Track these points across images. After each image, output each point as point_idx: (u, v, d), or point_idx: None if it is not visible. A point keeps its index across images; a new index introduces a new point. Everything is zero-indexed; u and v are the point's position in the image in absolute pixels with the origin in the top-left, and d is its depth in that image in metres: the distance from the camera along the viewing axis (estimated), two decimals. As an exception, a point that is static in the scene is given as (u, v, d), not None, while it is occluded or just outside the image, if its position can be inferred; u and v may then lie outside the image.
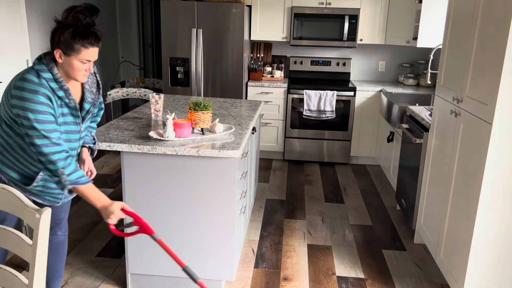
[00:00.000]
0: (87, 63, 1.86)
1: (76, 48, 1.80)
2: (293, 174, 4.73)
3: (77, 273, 2.78)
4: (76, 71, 1.86)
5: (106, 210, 1.86)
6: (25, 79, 1.81)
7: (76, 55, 1.82)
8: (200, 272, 2.54)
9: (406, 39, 4.76)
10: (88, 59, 1.84)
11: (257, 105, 3.48)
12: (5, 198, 1.47)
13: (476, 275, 2.35)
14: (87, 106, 2.04)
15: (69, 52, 1.81)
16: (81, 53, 1.82)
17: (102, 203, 1.87)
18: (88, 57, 1.84)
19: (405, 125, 3.59)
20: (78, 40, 1.80)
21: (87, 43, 1.81)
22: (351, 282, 2.79)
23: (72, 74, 1.87)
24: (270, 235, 3.37)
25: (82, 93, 2.04)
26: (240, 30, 4.59)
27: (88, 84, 2.06)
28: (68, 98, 1.90)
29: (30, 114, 1.76)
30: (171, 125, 2.40)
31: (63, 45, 1.81)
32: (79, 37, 1.80)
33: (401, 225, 3.59)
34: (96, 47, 1.85)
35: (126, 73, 7.16)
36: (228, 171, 2.37)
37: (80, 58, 1.83)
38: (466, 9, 2.57)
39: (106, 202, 1.87)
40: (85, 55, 1.83)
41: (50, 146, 1.81)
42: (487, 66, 2.21)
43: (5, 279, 1.47)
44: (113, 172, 4.58)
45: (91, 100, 2.05)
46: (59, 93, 1.87)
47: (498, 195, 2.23)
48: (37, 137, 1.79)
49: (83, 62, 1.85)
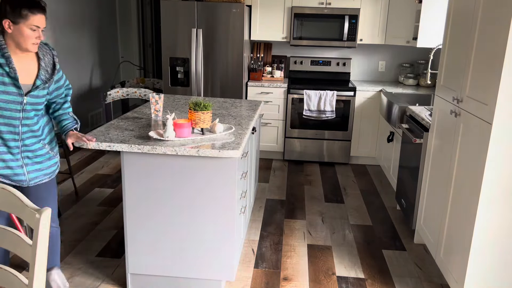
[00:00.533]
0: (36, 29, 1.98)
1: (24, 14, 1.93)
2: (293, 174, 4.73)
3: (77, 273, 2.78)
4: (27, 38, 1.97)
5: None
6: None
7: (25, 21, 1.94)
8: (200, 272, 2.54)
9: (406, 39, 4.76)
10: (37, 25, 1.97)
11: (257, 105, 3.48)
12: (5, 198, 1.47)
13: (476, 275, 2.35)
14: (38, 82, 2.12)
15: (18, 20, 1.94)
16: (30, 19, 1.95)
17: None
18: (36, 22, 1.96)
19: (405, 125, 3.59)
20: (25, 7, 1.93)
21: (34, 9, 1.95)
22: (351, 282, 2.79)
23: (23, 43, 1.98)
24: (270, 235, 3.38)
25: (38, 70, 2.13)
26: (240, 30, 4.59)
27: (45, 62, 2.15)
28: (9, 66, 1.99)
29: None
30: (171, 125, 2.40)
31: (11, 14, 1.93)
32: (25, 5, 1.94)
33: (401, 225, 3.59)
34: (42, 14, 1.99)
35: (126, 73, 7.16)
36: (228, 171, 2.37)
37: (29, 24, 1.95)
38: (466, 9, 2.57)
39: None
40: (34, 21, 1.96)
41: None
42: (487, 66, 2.21)
43: (5, 279, 1.47)
44: (113, 172, 4.58)
45: (43, 78, 2.14)
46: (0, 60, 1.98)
47: (498, 195, 2.23)
48: None
49: (33, 29, 1.97)
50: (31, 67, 2.10)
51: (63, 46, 5.26)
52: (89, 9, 5.89)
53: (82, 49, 5.71)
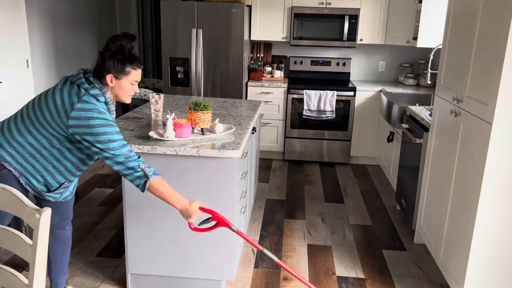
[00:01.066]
0: (135, 84, 2.06)
1: (127, 71, 2.00)
2: (293, 174, 4.73)
3: (77, 273, 2.78)
4: (126, 92, 2.05)
5: (187, 211, 2.01)
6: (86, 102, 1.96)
7: (126, 77, 2.01)
8: (200, 272, 2.54)
9: (406, 39, 4.76)
10: (136, 80, 2.05)
11: (257, 105, 3.48)
12: (5, 198, 1.47)
13: (476, 275, 2.35)
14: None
15: (121, 76, 2.00)
16: (131, 74, 2.02)
17: (182, 204, 2.01)
18: (136, 78, 2.04)
19: (405, 125, 3.59)
20: (128, 64, 1.99)
21: (135, 65, 2.02)
22: (351, 282, 2.79)
23: (122, 96, 2.06)
24: (270, 235, 3.38)
25: None
26: (240, 30, 4.59)
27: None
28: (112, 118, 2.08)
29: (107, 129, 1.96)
30: (171, 125, 2.40)
31: (114, 70, 1.99)
32: (128, 61, 2.00)
33: (401, 225, 3.59)
34: (141, 68, 2.06)
35: (126, 73, 7.15)
36: (228, 171, 2.37)
37: (130, 79, 2.02)
38: (466, 9, 2.57)
39: (185, 203, 2.02)
40: (134, 76, 2.03)
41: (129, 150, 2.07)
42: (487, 66, 2.21)
43: (5, 279, 1.47)
44: (113, 172, 4.58)
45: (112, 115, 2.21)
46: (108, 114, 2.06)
47: (498, 195, 2.23)
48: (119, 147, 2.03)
49: (132, 84, 2.05)
50: None
51: (63, 46, 5.26)
52: (89, 9, 5.89)
53: (82, 49, 5.71)
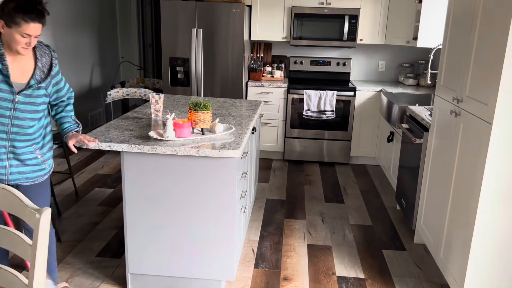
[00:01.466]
0: (27, 37, 1.93)
1: (17, 21, 1.88)
2: (293, 174, 4.73)
3: (77, 273, 2.78)
4: (16, 43, 1.93)
5: None
6: None
7: (16, 27, 1.89)
8: (200, 272, 2.54)
9: (406, 39, 4.76)
10: (28, 33, 1.91)
11: (257, 105, 3.48)
12: (5, 198, 1.47)
13: (476, 275, 2.35)
14: (32, 82, 2.08)
15: (10, 24, 1.89)
16: (22, 26, 1.89)
17: None
18: (28, 31, 1.91)
19: (405, 125, 3.59)
20: (19, 14, 1.87)
21: (28, 17, 1.88)
22: (351, 282, 2.79)
23: (13, 46, 1.95)
24: (270, 235, 3.38)
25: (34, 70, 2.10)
26: (240, 30, 4.59)
27: (42, 62, 2.12)
28: (2, 63, 1.97)
29: None
30: (171, 125, 2.40)
31: (6, 16, 1.89)
32: (21, 11, 1.87)
33: (401, 225, 3.59)
34: (37, 23, 1.92)
35: (126, 73, 7.16)
36: (228, 171, 2.37)
37: (20, 31, 1.90)
38: (466, 9, 2.57)
39: None
40: (26, 29, 1.90)
41: None
42: (487, 66, 2.21)
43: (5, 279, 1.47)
44: (113, 172, 4.58)
45: (38, 78, 2.10)
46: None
47: (498, 195, 2.23)
48: None
49: (23, 36, 1.92)
50: (27, 67, 2.07)
51: (63, 46, 5.26)
52: (89, 9, 5.89)
53: (82, 49, 5.72)
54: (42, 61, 2.12)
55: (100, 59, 6.25)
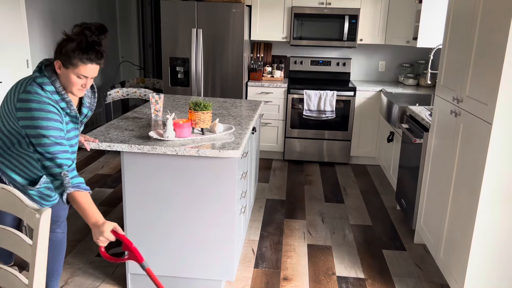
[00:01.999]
0: (83, 78, 1.87)
1: (74, 62, 1.82)
2: (293, 174, 4.73)
3: (77, 273, 2.78)
4: (72, 85, 1.88)
5: (98, 228, 1.71)
6: (29, 92, 1.83)
7: (73, 68, 1.83)
8: (200, 272, 2.54)
9: (406, 39, 4.76)
10: (84, 75, 1.85)
11: (257, 105, 3.48)
12: (5, 198, 1.47)
13: (476, 275, 2.35)
14: (85, 111, 2.11)
15: (68, 65, 1.83)
16: (79, 67, 1.83)
17: (96, 219, 1.74)
18: (85, 72, 1.85)
19: (405, 125, 3.59)
20: (77, 54, 1.81)
21: (86, 58, 1.82)
22: (351, 282, 2.79)
23: (68, 87, 1.89)
24: (270, 235, 3.38)
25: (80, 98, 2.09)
26: (240, 30, 4.59)
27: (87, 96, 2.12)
28: (70, 109, 1.94)
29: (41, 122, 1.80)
30: (171, 125, 2.40)
31: (64, 57, 1.83)
32: (79, 51, 1.81)
33: (401, 225, 3.59)
34: (95, 64, 1.86)
35: (126, 73, 7.16)
36: (228, 171, 2.37)
37: (77, 72, 1.84)
38: (466, 9, 2.57)
39: (99, 219, 1.74)
40: (82, 70, 1.84)
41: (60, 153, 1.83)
42: (487, 66, 2.21)
43: (5, 279, 1.47)
44: (113, 172, 4.58)
45: (88, 105, 2.12)
46: (61, 105, 1.91)
47: (498, 195, 2.23)
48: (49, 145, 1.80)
49: (80, 77, 1.86)
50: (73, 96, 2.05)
51: (63, 46, 5.26)
52: (89, 9, 5.89)
53: (82, 49, 5.71)
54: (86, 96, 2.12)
55: (100, 59, 6.24)
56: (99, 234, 1.70)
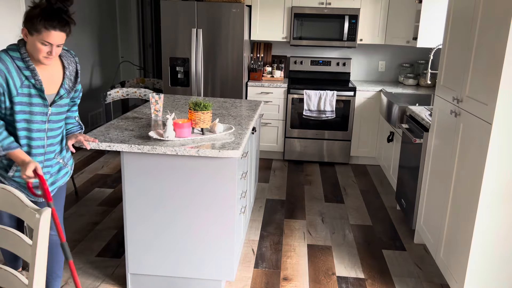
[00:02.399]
0: (48, 45, 1.86)
1: (38, 28, 1.81)
2: (293, 174, 4.73)
3: (77, 273, 2.78)
4: (37, 52, 1.86)
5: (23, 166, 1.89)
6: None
7: (37, 35, 1.83)
8: (200, 272, 2.54)
9: (406, 39, 4.76)
10: (49, 41, 1.84)
11: (257, 105, 3.48)
12: (5, 198, 1.47)
13: (476, 275, 2.35)
14: (62, 92, 2.06)
15: (32, 32, 1.83)
16: (42, 34, 1.82)
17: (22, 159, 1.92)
18: (49, 39, 1.83)
19: (405, 125, 3.59)
20: (41, 21, 1.80)
21: (49, 25, 1.81)
22: (351, 282, 2.79)
23: (34, 55, 1.88)
24: (270, 235, 3.38)
25: (63, 79, 2.07)
26: (240, 30, 4.59)
27: (69, 71, 2.08)
28: (34, 79, 1.92)
29: None
30: (171, 125, 2.40)
31: (29, 24, 1.83)
32: (43, 17, 1.81)
33: (401, 225, 3.59)
34: (60, 31, 1.85)
35: (126, 73, 7.16)
36: (228, 171, 2.37)
37: (40, 38, 1.83)
38: (466, 9, 2.57)
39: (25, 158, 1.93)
40: (46, 37, 1.83)
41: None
42: (487, 66, 2.21)
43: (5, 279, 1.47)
44: (113, 172, 4.58)
45: (67, 87, 2.08)
46: (25, 72, 1.91)
47: (498, 195, 2.23)
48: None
49: (44, 44, 1.85)
50: (56, 76, 2.03)
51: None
52: (89, 9, 5.89)
53: (82, 49, 5.72)
54: (69, 69, 2.09)
55: (100, 59, 6.25)
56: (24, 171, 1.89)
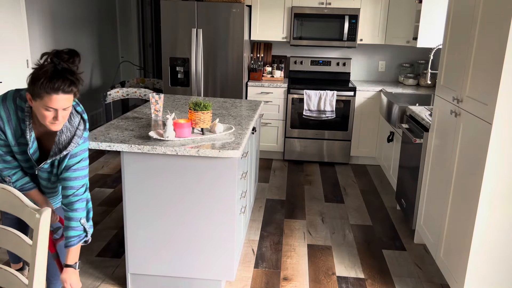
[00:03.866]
0: (52, 110, 1.65)
1: (39, 93, 1.61)
2: (293, 174, 4.73)
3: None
4: (43, 118, 1.67)
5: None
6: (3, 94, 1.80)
7: (40, 100, 1.63)
8: (200, 272, 2.54)
9: (406, 39, 4.76)
10: (52, 107, 1.63)
11: (257, 105, 3.48)
12: (5, 198, 1.47)
13: (476, 275, 2.35)
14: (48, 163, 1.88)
15: (35, 98, 1.63)
16: (44, 99, 1.62)
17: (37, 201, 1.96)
18: (52, 104, 1.62)
19: (405, 125, 3.59)
20: (42, 84, 1.59)
21: (50, 88, 1.60)
22: (351, 282, 2.79)
23: (41, 120, 1.70)
24: (270, 235, 3.38)
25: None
26: (240, 30, 4.59)
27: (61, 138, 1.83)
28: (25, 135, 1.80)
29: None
30: (171, 125, 2.40)
31: (31, 88, 1.63)
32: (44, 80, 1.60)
33: (401, 225, 3.59)
34: (63, 93, 1.62)
35: (126, 73, 7.16)
36: (228, 171, 2.37)
37: (43, 104, 1.63)
38: (466, 9, 2.57)
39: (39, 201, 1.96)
40: (49, 102, 1.62)
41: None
42: (487, 66, 2.21)
43: (5, 279, 1.47)
44: (113, 172, 4.58)
45: (52, 154, 1.84)
46: (22, 125, 1.80)
47: (498, 195, 2.23)
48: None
49: (48, 110, 1.64)
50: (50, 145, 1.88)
51: (63, 46, 5.26)
52: (89, 9, 5.89)
53: (82, 49, 5.72)
54: (62, 137, 1.82)
55: (100, 59, 6.25)
56: None
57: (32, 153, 1.84)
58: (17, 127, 1.79)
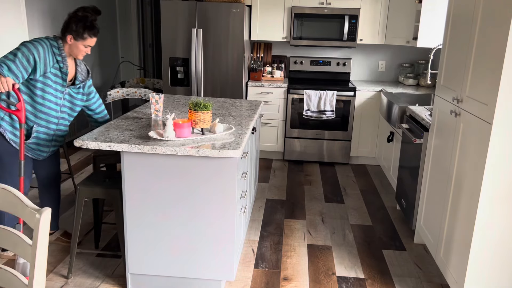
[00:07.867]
0: (88, 47, 2.67)
1: (85, 37, 2.61)
2: (293, 174, 4.73)
3: (77, 273, 2.78)
4: (79, 52, 2.66)
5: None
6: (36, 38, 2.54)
7: (83, 41, 2.62)
8: (200, 272, 2.54)
9: (406, 39, 4.76)
10: (90, 45, 2.66)
11: (257, 105, 3.48)
12: (5, 198, 1.47)
13: (476, 275, 2.35)
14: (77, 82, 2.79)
15: (78, 39, 2.61)
16: (87, 40, 2.63)
17: None
18: (90, 43, 2.65)
19: (405, 125, 3.59)
20: (86, 31, 2.60)
21: (92, 34, 2.63)
22: (351, 282, 2.79)
23: (76, 53, 2.67)
24: (270, 235, 3.38)
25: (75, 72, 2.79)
26: (240, 30, 4.59)
27: (81, 68, 2.82)
28: (63, 63, 2.64)
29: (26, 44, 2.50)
30: (171, 125, 2.40)
31: (75, 33, 2.59)
32: (87, 29, 2.60)
33: (401, 225, 3.59)
34: (95, 37, 2.67)
35: (126, 73, 7.16)
36: (228, 171, 2.37)
37: (85, 43, 2.63)
38: (466, 9, 2.57)
39: None
40: (89, 42, 2.65)
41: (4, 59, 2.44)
42: (487, 66, 2.21)
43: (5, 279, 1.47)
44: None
45: (81, 79, 2.80)
46: (57, 57, 2.62)
47: (498, 195, 2.23)
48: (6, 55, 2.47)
49: (86, 46, 2.66)
50: (71, 69, 2.76)
51: (63, 46, 5.26)
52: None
53: (82, 49, 5.71)
54: (81, 67, 2.81)
55: (100, 59, 6.25)
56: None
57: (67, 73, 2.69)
58: (54, 58, 2.61)
